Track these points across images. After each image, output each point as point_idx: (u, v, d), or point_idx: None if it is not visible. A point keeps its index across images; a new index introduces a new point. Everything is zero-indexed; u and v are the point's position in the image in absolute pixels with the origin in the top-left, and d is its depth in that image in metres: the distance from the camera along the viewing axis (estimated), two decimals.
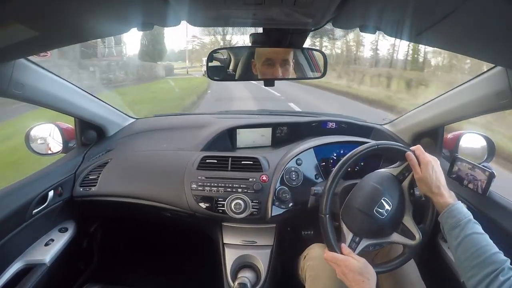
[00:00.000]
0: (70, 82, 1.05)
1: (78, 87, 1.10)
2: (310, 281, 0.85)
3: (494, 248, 0.61)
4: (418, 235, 0.78)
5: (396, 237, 0.80)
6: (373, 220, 0.76)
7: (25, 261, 0.95)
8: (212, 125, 1.33)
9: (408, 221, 0.80)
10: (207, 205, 1.04)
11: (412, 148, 0.78)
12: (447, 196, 0.71)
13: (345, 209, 0.82)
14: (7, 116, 4.81)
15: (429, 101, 1.14)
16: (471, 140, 1.14)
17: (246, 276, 0.97)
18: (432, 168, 0.73)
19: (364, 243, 0.78)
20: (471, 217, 0.66)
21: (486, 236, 0.63)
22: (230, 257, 1.04)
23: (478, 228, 0.65)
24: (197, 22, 0.62)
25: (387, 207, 0.76)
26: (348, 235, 0.78)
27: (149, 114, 1.61)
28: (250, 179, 1.05)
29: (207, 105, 8.44)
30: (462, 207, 0.68)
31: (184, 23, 0.63)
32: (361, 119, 1.48)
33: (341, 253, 0.75)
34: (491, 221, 0.84)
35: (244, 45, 0.82)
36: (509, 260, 0.59)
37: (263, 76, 0.83)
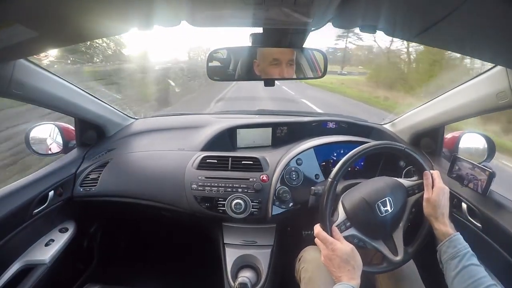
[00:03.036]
0: (70, 82, 1.05)
1: (78, 87, 1.10)
2: (304, 283, 0.86)
3: (490, 281, 0.63)
4: (401, 255, 0.77)
5: (381, 245, 0.79)
6: (371, 213, 0.76)
7: (26, 261, 0.95)
8: (212, 125, 1.33)
9: (398, 237, 0.79)
10: (207, 205, 1.04)
11: (432, 171, 0.80)
12: (449, 226, 0.72)
13: (349, 193, 0.82)
14: None
15: (429, 101, 1.14)
16: (471, 139, 1.14)
17: (246, 276, 0.97)
18: (443, 195, 0.76)
19: (352, 231, 0.77)
20: (469, 249, 0.68)
21: (482, 268, 0.65)
22: (230, 257, 1.04)
23: (475, 260, 0.67)
24: (197, 22, 0.62)
25: (388, 207, 0.76)
26: (341, 216, 0.78)
27: None
28: (250, 179, 1.05)
29: None
30: (461, 238, 0.70)
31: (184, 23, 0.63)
32: (361, 119, 1.48)
33: (331, 234, 0.73)
34: (491, 221, 0.84)
35: (244, 45, 0.81)
36: None
37: (268, 76, 0.83)
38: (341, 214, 0.78)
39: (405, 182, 0.83)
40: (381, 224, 0.77)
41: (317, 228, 0.75)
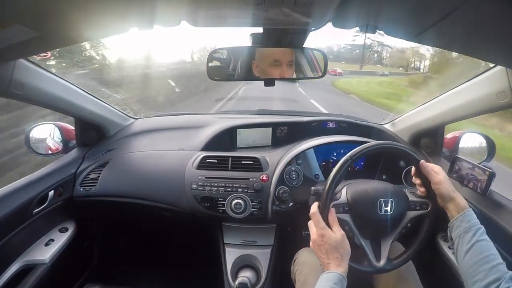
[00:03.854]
0: (70, 82, 1.05)
1: (78, 87, 1.10)
2: (299, 286, 0.86)
3: (500, 258, 0.63)
4: (383, 262, 0.76)
5: (367, 245, 0.77)
6: (371, 207, 0.75)
7: (26, 261, 0.95)
8: (212, 125, 1.34)
9: (385, 245, 0.78)
10: (207, 205, 1.04)
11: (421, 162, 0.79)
12: (463, 199, 0.72)
13: (354, 184, 0.82)
14: None
15: (429, 101, 1.14)
16: (471, 139, 1.14)
17: (246, 276, 0.97)
18: (443, 171, 0.76)
19: (346, 217, 0.76)
20: (481, 225, 0.68)
21: (493, 245, 0.65)
22: (230, 257, 1.04)
23: (487, 236, 0.66)
24: (197, 22, 0.62)
25: (388, 208, 0.75)
26: (342, 199, 0.77)
27: None
28: (250, 179, 1.05)
29: None
30: (474, 214, 0.70)
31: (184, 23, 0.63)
32: (361, 119, 1.48)
33: (327, 215, 0.72)
34: (491, 221, 0.84)
35: (244, 45, 0.82)
36: (510, 272, 0.61)
37: (268, 76, 0.83)
38: (342, 199, 0.78)
39: (410, 195, 0.81)
40: (376, 223, 0.76)
41: (314, 208, 0.73)
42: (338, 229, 0.71)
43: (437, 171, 0.76)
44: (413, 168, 0.79)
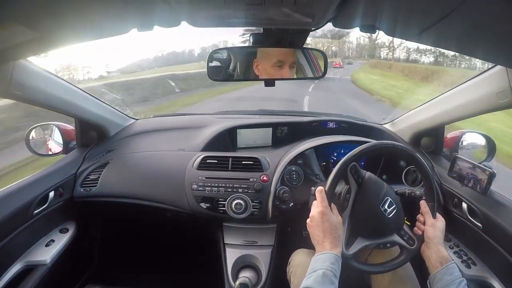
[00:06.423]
0: (70, 83, 1.05)
1: (78, 88, 1.10)
2: (293, 287, 0.86)
3: None
4: (347, 254, 0.71)
5: (347, 228, 0.74)
6: (377, 196, 0.74)
7: (26, 261, 0.95)
8: (212, 125, 1.34)
9: (358, 244, 0.73)
10: (208, 205, 1.04)
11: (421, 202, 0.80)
12: (446, 252, 0.72)
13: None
14: None
15: (429, 101, 1.14)
16: (471, 139, 1.14)
17: (247, 276, 0.97)
18: (443, 222, 0.76)
19: (355, 186, 0.75)
20: (463, 277, 0.69)
21: None
22: (231, 257, 1.04)
23: None
24: (197, 22, 0.62)
25: (388, 210, 0.74)
26: (361, 172, 0.77)
27: None
28: (251, 179, 1.05)
29: None
30: (456, 267, 0.70)
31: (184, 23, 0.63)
32: (361, 119, 1.48)
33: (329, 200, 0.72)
34: (492, 220, 0.84)
35: (245, 45, 0.82)
36: None
37: (269, 76, 0.83)
38: (363, 172, 0.77)
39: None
40: (371, 215, 0.74)
41: (321, 188, 0.74)
42: (337, 213, 0.72)
43: (437, 219, 0.76)
44: (421, 207, 0.79)
